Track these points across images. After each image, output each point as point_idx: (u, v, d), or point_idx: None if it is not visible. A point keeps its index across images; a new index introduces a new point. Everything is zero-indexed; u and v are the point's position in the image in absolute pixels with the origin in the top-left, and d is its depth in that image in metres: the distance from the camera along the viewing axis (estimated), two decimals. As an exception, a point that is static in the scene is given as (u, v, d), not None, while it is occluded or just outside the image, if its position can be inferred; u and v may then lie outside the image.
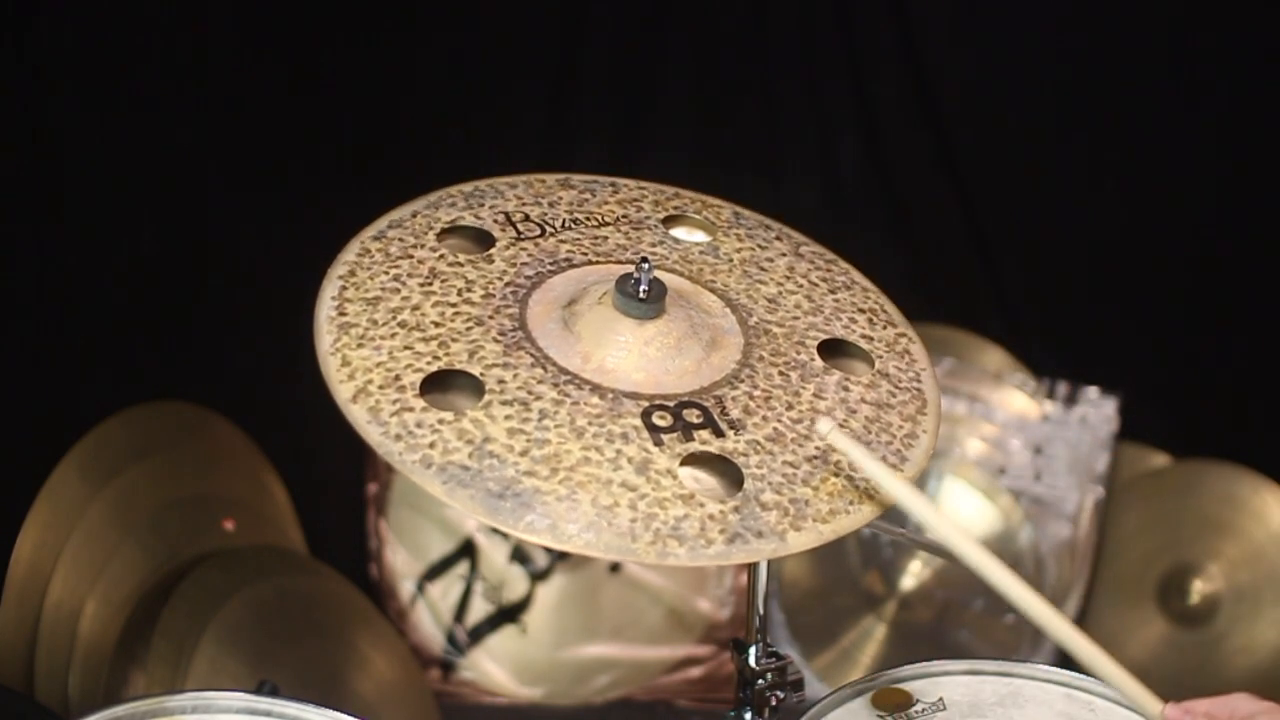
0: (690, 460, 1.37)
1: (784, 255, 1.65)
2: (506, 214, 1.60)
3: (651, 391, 1.42)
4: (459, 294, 1.48)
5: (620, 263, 1.56)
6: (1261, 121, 3.01)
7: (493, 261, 1.53)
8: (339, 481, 2.97)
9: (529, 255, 1.55)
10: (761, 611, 1.60)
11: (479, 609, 2.94)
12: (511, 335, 1.45)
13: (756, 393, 1.45)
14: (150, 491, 2.46)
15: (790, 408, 1.45)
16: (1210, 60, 3.01)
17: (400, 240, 1.54)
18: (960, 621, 3.00)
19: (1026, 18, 3.08)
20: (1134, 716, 1.69)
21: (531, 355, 1.43)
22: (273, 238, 2.81)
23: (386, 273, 1.49)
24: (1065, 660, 3.00)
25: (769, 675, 1.60)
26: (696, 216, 1.68)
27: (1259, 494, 2.96)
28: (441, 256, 1.52)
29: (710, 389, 1.44)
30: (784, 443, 1.41)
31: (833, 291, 1.61)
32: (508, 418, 1.37)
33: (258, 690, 1.68)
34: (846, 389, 1.50)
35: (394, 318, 1.44)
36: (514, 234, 1.57)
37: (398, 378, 1.39)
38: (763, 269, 1.62)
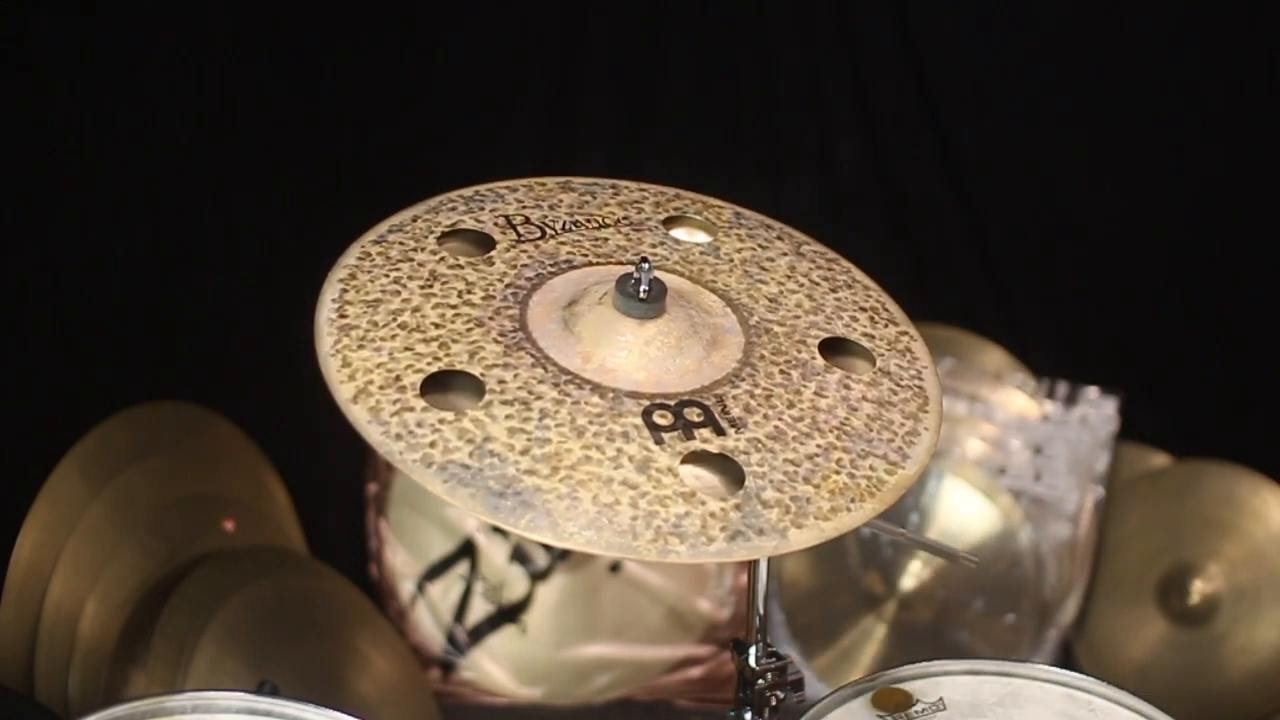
0: (691, 458, 1.38)
1: (785, 255, 1.65)
2: (507, 217, 1.60)
3: (652, 390, 1.42)
4: (459, 296, 1.49)
5: (621, 264, 1.56)
6: (1261, 122, 3.01)
7: (493, 264, 1.54)
8: (339, 481, 2.97)
9: (529, 257, 1.55)
10: (761, 611, 1.60)
11: (479, 609, 2.94)
12: (512, 336, 1.45)
13: (758, 391, 1.46)
14: (150, 491, 2.46)
15: (791, 406, 1.45)
16: (1210, 60, 3.01)
17: (400, 244, 1.54)
18: (960, 621, 3.00)
19: (1027, 18, 3.09)
20: (1134, 717, 1.69)
21: (532, 356, 1.43)
22: (273, 240, 2.81)
23: (387, 275, 1.50)
24: (1065, 660, 3.01)
25: (769, 675, 1.61)
26: (697, 217, 1.68)
27: (1259, 494, 2.96)
28: (442, 260, 1.53)
29: (711, 388, 1.45)
30: (785, 441, 1.42)
31: (834, 290, 1.62)
32: (508, 417, 1.37)
33: (258, 690, 1.68)
34: (848, 387, 1.50)
35: (394, 319, 1.45)
36: (514, 237, 1.58)
37: (398, 378, 1.39)
38: (764, 269, 1.62)
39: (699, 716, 2.95)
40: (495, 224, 1.59)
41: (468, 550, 2.95)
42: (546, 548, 2.93)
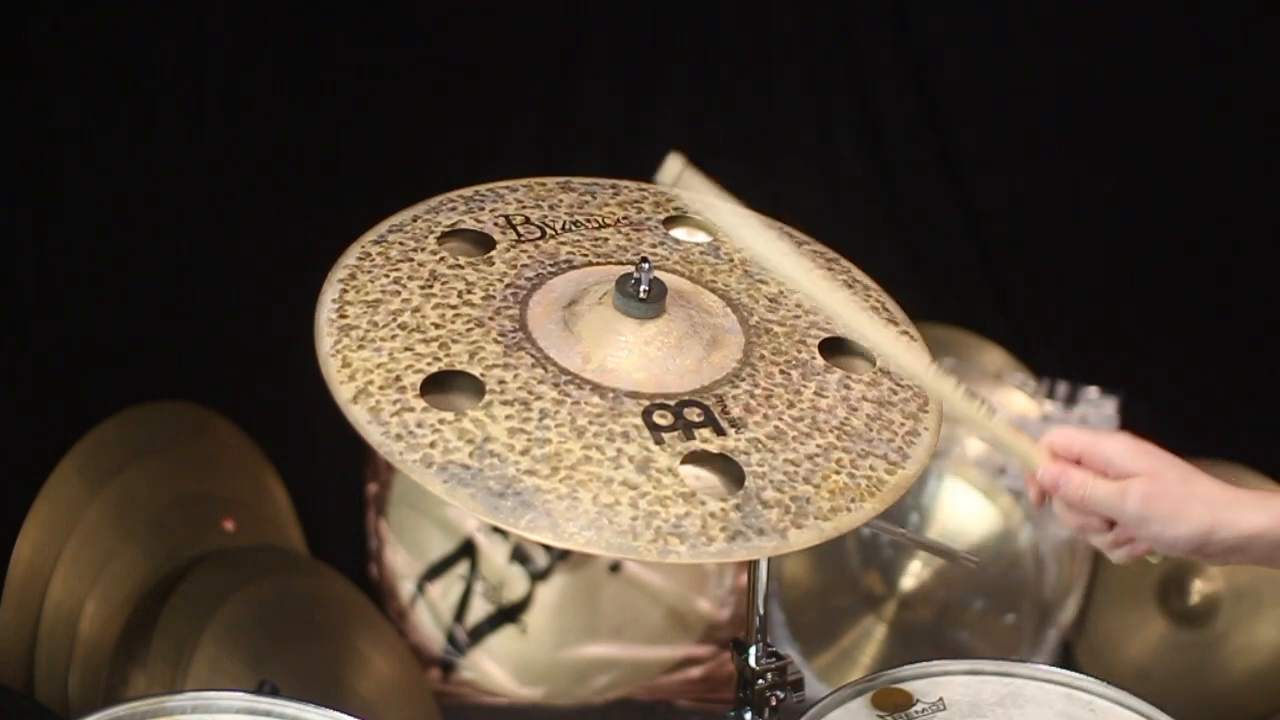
0: (691, 459, 1.38)
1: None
2: (507, 217, 1.60)
3: (652, 391, 1.42)
4: (459, 296, 1.49)
5: (621, 264, 1.56)
6: (1261, 121, 3.01)
7: (493, 264, 1.54)
8: (339, 481, 2.97)
9: (529, 257, 1.55)
10: (761, 611, 1.60)
11: (479, 609, 2.94)
12: (512, 336, 1.45)
13: (758, 391, 1.46)
14: (150, 491, 2.46)
15: (791, 406, 1.45)
16: (1210, 61, 3.01)
17: (401, 244, 1.54)
18: (960, 621, 3.00)
19: (1027, 18, 3.08)
20: (1134, 717, 1.69)
21: (532, 356, 1.43)
22: (274, 239, 2.82)
23: (387, 275, 1.50)
24: (1065, 660, 3.00)
25: (769, 675, 1.61)
26: (697, 217, 1.68)
27: (1259, 494, 2.95)
28: (442, 259, 1.53)
29: (711, 388, 1.45)
30: (785, 441, 1.42)
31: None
32: (508, 417, 1.37)
33: (258, 690, 1.68)
34: (848, 387, 1.50)
35: (394, 319, 1.45)
36: (514, 236, 1.58)
37: (398, 379, 1.39)
38: (763, 268, 1.62)
39: (699, 716, 2.95)
40: (495, 224, 1.59)
41: (468, 550, 2.95)
42: (546, 548, 2.93)
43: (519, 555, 2.95)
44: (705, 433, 1.40)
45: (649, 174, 1.76)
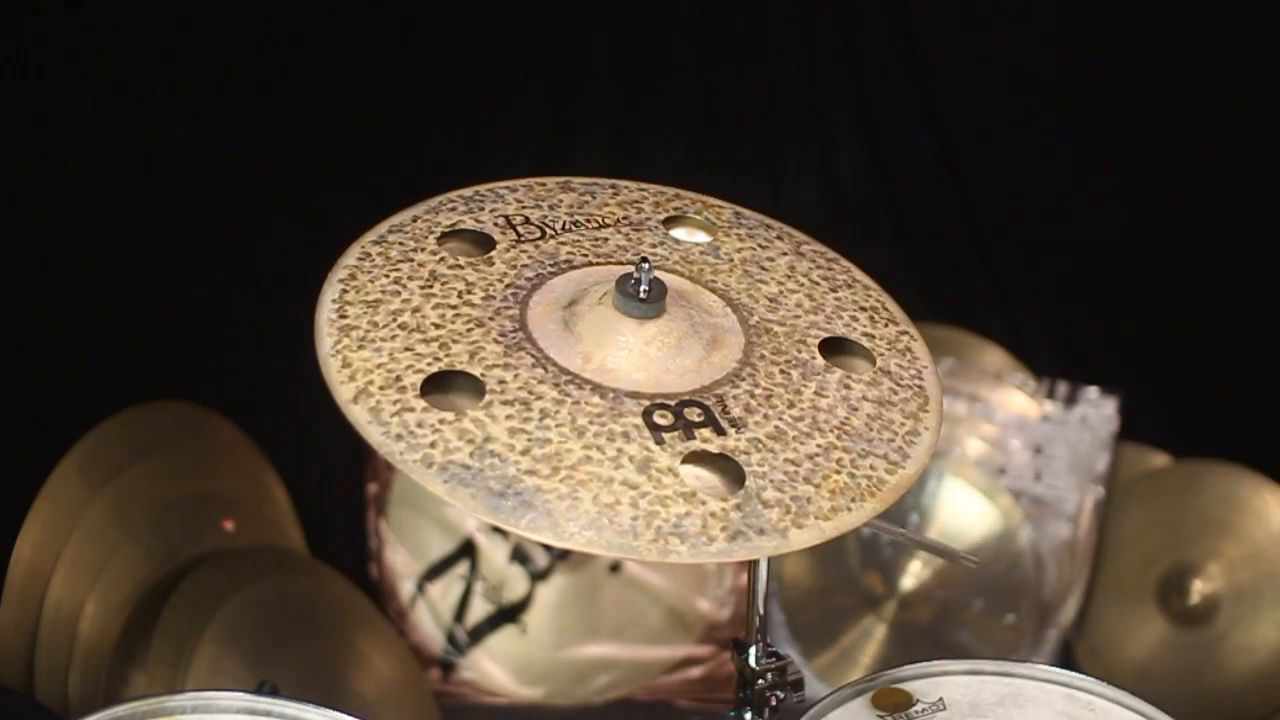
0: (692, 458, 1.38)
1: (785, 254, 1.65)
2: (507, 217, 1.60)
3: (652, 391, 1.42)
4: (459, 296, 1.49)
5: (621, 264, 1.56)
6: (1261, 121, 3.01)
7: (493, 264, 1.54)
8: (339, 481, 2.97)
9: (529, 257, 1.55)
10: (761, 611, 1.60)
11: (479, 609, 2.94)
12: (512, 336, 1.45)
13: (758, 391, 1.46)
14: (150, 491, 2.46)
15: (792, 406, 1.45)
16: (1210, 60, 3.02)
17: (401, 244, 1.54)
18: (960, 621, 3.00)
19: (1026, 18, 3.09)
20: (1134, 717, 1.69)
21: (532, 356, 1.43)
22: (274, 239, 2.82)
23: (387, 276, 1.50)
24: (1065, 660, 3.01)
25: (769, 675, 1.61)
26: (697, 217, 1.68)
27: (1259, 494, 2.96)
28: (442, 260, 1.53)
29: (711, 388, 1.45)
30: (785, 440, 1.42)
31: (834, 290, 1.62)
32: (509, 417, 1.37)
33: (258, 690, 1.68)
34: (848, 387, 1.50)
35: (394, 320, 1.45)
36: (514, 237, 1.58)
37: (398, 379, 1.39)
38: (763, 268, 1.62)
39: (699, 716, 2.95)
40: (495, 224, 1.59)
41: (468, 550, 2.95)
42: (546, 548, 2.93)
43: (519, 555, 2.95)
44: (705, 433, 1.40)
45: (649, 174, 1.77)
